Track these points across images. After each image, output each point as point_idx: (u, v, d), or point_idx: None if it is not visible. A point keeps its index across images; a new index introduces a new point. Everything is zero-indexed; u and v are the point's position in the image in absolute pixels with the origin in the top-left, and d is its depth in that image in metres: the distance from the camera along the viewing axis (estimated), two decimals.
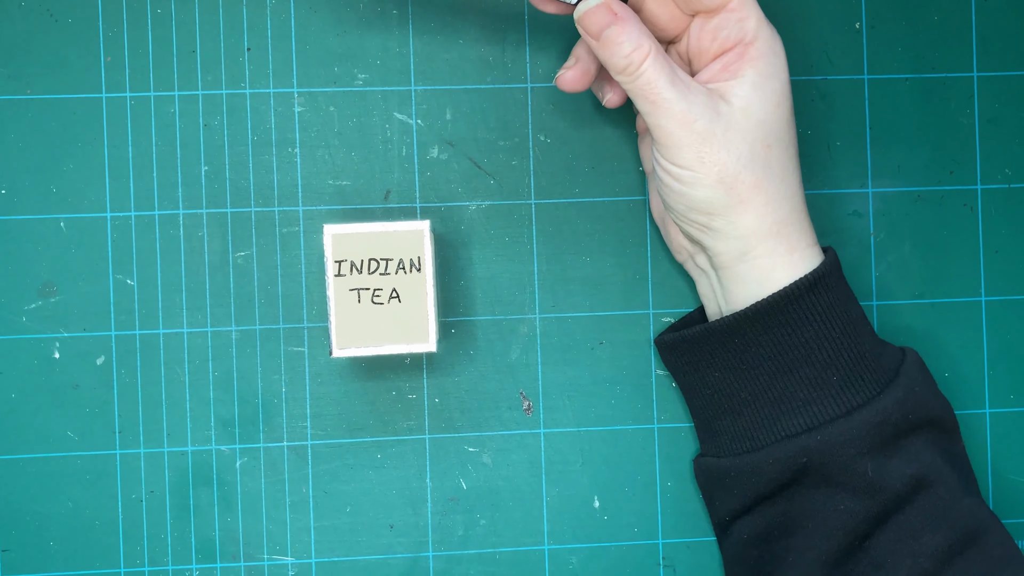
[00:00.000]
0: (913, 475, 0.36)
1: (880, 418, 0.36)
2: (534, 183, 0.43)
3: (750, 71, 0.36)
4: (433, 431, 0.43)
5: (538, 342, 0.43)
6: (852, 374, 0.37)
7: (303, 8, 0.42)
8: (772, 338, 0.37)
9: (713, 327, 0.38)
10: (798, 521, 0.38)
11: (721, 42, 0.37)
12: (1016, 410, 0.44)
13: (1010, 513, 0.44)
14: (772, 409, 0.38)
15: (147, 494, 0.42)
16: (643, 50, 0.35)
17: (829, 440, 0.36)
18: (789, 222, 0.37)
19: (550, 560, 0.43)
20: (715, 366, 0.39)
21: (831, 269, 0.37)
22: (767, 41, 0.36)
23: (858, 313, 0.38)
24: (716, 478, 0.40)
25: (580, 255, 0.43)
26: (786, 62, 0.37)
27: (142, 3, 0.42)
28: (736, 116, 0.36)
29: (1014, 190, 0.44)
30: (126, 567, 0.42)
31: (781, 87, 0.37)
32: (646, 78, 0.35)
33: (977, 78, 0.44)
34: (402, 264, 0.37)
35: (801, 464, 0.37)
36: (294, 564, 0.42)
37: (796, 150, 0.38)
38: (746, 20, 0.36)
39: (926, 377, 0.39)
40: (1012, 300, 0.44)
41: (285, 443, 0.42)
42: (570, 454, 0.43)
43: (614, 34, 0.35)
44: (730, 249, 0.37)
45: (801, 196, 0.38)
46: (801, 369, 0.37)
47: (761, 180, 0.36)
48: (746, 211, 0.36)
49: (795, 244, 0.37)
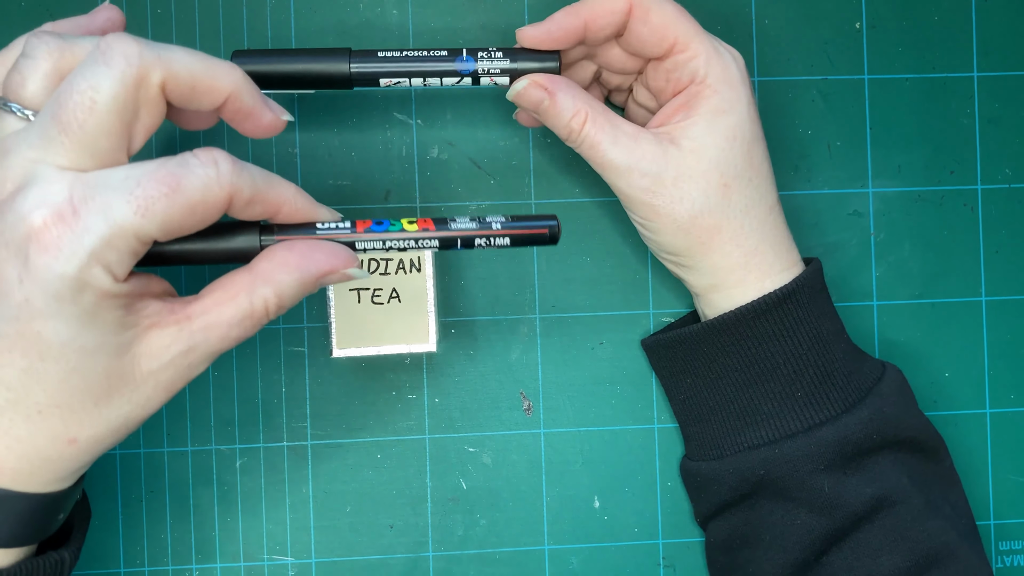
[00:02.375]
0: (874, 494, 0.36)
1: (840, 436, 0.36)
2: (534, 183, 0.43)
3: (703, 109, 0.36)
4: (433, 431, 0.43)
5: (538, 342, 0.43)
6: (818, 391, 0.37)
7: (303, 8, 0.42)
8: (740, 350, 0.37)
9: (684, 334, 0.39)
10: (758, 532, 0.38)
11: (674, 83, 0.37)
12: (1016, 410, 0.44)
13: (1010, 513, 0.44)
14: (737, 420, 0.38)
15: (147, 494, 0.42)
16: (580, 116, 0.36)
17: (787, 455, 0.37)
18: (758, 252, 0.37)
19: (550, 560, 0.43)
20: (688, 372, 0.40)
21: (804, 286, 0.37)
22: (719, 77, 0.36)
23: (832, 329, 0.38)
24: (689, 480, 0.42)
25: (580, 255, 0.43)
26: (745, 91, 0.36)
27: (142, 3, 0.42)
28: (687, 160, 0.36)
29: (1014, 190, 0.44)
30: (126, 567, 0.42)
31: (736, 121, 0.36)
32: (588, 142, 0.36)
33: (977, 78, 0.44)
34: (402, 264, 0.37)
35: (759, 476, 0.37)
36: (294, 564, 0.42)
37: (763, 177, 0.37)
38: (694, 59, 0.36)
39: (903, 397, 0.38)
40: (1012, 300, 0.44)
41: (285, 443, 0.42)
42: (570, 454, 0.43)
43: (548, 107, 0.36)
44: (702, 282, 0.38)
45: (772, 222, 0.37)
46: (767, 383, 0.37)
47: (721, 220, 0.36)
48: (710, 251, 0.37)
49: (767, 271, 0.37)
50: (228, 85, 0.28)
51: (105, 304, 0.26)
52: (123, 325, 0.27)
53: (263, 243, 0.29)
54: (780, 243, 0.38)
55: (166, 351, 0.28)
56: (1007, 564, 0.44)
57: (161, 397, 0.29)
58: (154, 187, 0.26)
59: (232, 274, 0.29)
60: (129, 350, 0.27)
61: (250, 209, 0.28)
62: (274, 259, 0.29)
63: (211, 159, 0.27)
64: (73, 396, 0.27)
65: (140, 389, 0.28)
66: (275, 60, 0.35)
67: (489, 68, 0.36)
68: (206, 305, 0.28)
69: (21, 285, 0.25)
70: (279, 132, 0.31)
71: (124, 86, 0.26)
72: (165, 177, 0.26)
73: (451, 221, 0.31)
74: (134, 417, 0.29)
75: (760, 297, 0.37)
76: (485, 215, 0.31)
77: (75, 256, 0.25)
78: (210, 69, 0.28)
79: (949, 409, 0.44)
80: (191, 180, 0.26)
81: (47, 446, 0.28)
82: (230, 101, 0.29)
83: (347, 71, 0.35)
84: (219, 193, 0.27)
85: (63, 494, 0.30)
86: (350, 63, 0.35)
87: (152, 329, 0.28)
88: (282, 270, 0.28)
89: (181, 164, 0.26)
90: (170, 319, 0.28)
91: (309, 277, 0.29)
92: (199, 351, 0.28)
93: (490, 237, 0.31)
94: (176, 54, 0.27)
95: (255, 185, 0.28)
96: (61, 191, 0.25)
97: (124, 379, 0.28)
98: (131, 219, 0.25)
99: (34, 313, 0.25)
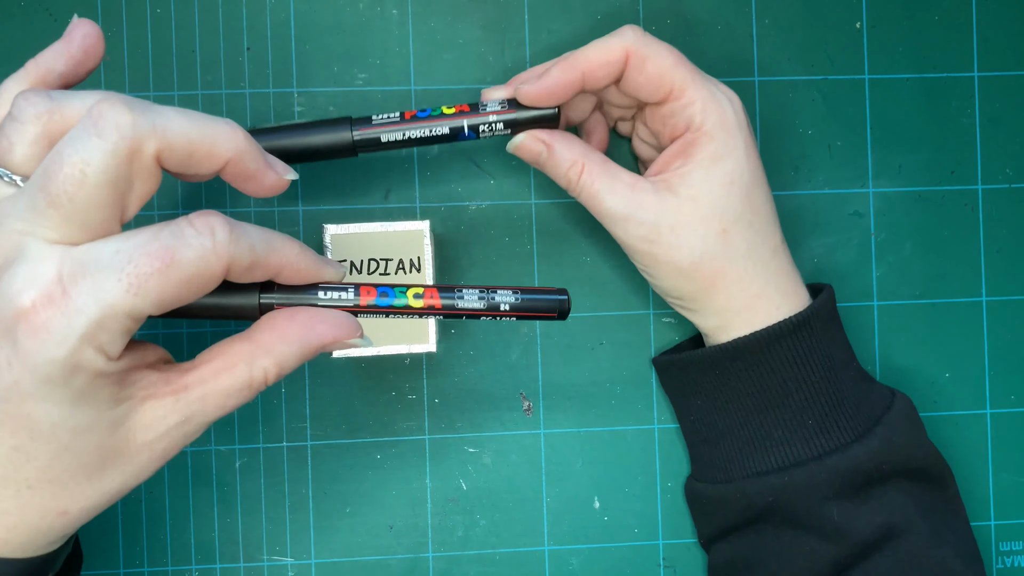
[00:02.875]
0: (883, 523, 0.36)
1: (850, 465, 0.36)
2: (534, 183, 0.43)
3: (699, 156, 0.36)
4: (433, 431, 0.43)
5: (538, 342, 0.43)
6: (828, 419, 0.37)
7: (303, 8, 0.42)
8: (751, 376, 0.37)
9: (696, 356, 0.39)
10: (763, 558, 0.38)
11: (671, 128, 0.37)
12: (1016, 410, 0.44)
13: (1010, 513, 0.44)
14: (746, 445, 0.38)
15: (147, 494, 0.42)
16: (577, 168, 0.36)
17: (797, 482, 0.37)
18: (763, 295, 0.37)
19: (550, 561, 0.43)
20: (698, 394, 0.40)
21: (817, 313, 0.37)
22: (716, 123, 0.36)
23: (843, 357, 0.38)
24: (695, 501, 0.42)
25: (580, 255, 0.43)
26: (742, 135, 0.36)
27: (142, 3, 0.42)
28: (685, 208, 0.36)
29: (1015, 190, 0.44)
30: (125, 567, 0.42)
31: (733, 166, 0.36)
32: (586, 192, 0.37)
33: (978, 78, 0.44)
34: (402, 264, 0.37)
35: (768, 502, 0.37)
36: (294, 565, 0.42)
37: (764, 219, 0.37)
38: (690, 106, 0.36)
39: (912, 426, 0.38)
40: (1012, 300, 0.44)
41: (284, 443, 0.42)
42: (570, 454, 0.43)
43: (547, 159, 0.36)
44: (709, 324, 0.38)
45: (776, 264, 0.37)
46: (777, 409, 0.37)
47: (722, 266, 0.36)
48: (714, 295, 0.37)
49: (773, 313, 0.37)
50: (228, 151, 0.27)
51: (98, 383, 0.25)
52: (117, 400, 0.26)
53: (263, 304, 0.29)
54: (786, 285, 0.37)
55: (162, 422, 0.27)
56: (1007, 564, 0.44)
57: (155, 465, 0.28)
58: (147, 263, 0.24)
59: (231, 341, 0.28)
60: (123, 424, 0.27)
61: (249, 275, 0.27)
62: (275, 329, 0.28)
63: (207, 227, 0.25)
64: (65, 472, 0.26)
65: (134, 460, 0.27)
66: (278, 137, 0.35)
67: (491, 127, 0.36)
68: (203, 375, 0.27)
69: (10, 368, 0.24)
70: (283, 191, 0.29)
71: (116, 159, 0.24)
72: (158, 252, 0.24)
73: (457, 294, 0.30)
74: (128, 486, 0.28)
75: (774, 323, 0.37)
76: (494, 289, 0.30)
77: (66, 340, 0.24)
78: (208, 134, 0.26)
79: (949, 409, 0.44)
80: (186, 253, 0.25)
81: (37, 519, 0.27)
82: (231, 165, 0.27)
83: (350, 142, 0.36)
84: (216, 264, 0.25)
85: (53, 554, 0.29)
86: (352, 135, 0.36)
87: (147, 401, 0.27)
88: (283, 342, 0.28)
89: (175, 235, 0.25)
90: (166, 390, 0.27)
91: (310, 348, 0.28)
92: (195, 421, 0.28)
93: (497, 316, 0.30)
94: (172, 121, 0.25)
95: (254, 252, 0.26)
96: (50, 270, 0.24)
97: (118, 453, 0.27)
98: (123, 298, 0.24)
99: (24, 395, 0.24)
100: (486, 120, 0.36)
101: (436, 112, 0.36)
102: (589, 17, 0.43)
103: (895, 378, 0.44)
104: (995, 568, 0.44)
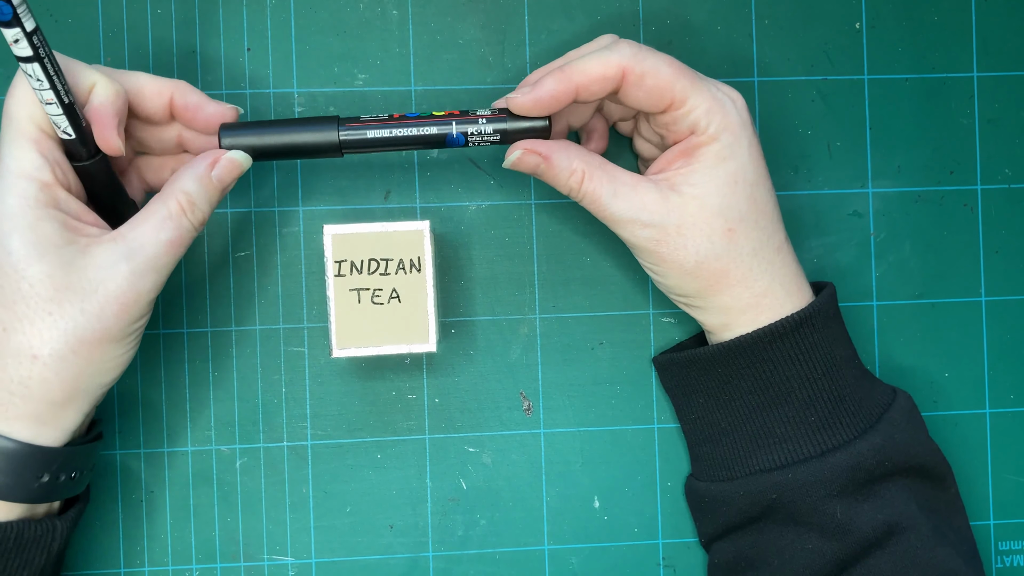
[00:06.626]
0: (885, 521, 0.36)
1: (853, 462, 0.36)
2: (534, 183, 0.43)
3: (703, 156, 0.36)
4: (433, 431, 0.43)
5: (538, 342, 0.43)
6: (831, 416, 0.37)
7: (303, 8, 0.42)
8: (754, 373, 0.37)
9: (699, 354, 0.39)
10: (766, 556, 0.38)
11: (674, 133, 0.37)
12: (1016, 410, 0.44)
13: (1010, 513, 0.44)
14: (749, 443, 0.38)
15: (147, 494, 0.42)
16: (577, 175, 0.36)
17: (800, 479, 0.37)
18: (768, 293, 0.37)
19: (550, 560, 0.43)
20: (700, 392, 0.40)
21: (820, 310, 0.37)
22: (719, 125, 0.36)
23: (845, 355, 0.38)
24: (696, 500, 0.41)
25: (580, 255, 0.43)
26: (746, 135, 0.36)
27: (142, 3, 0.42)
28: (689, 208, 0.36)
29: (1014, 190, 0.44)
30: (126, 567, 0.42)
31: (737, 166, 0.36)
32: (589, 197, 0.36)
33: (977, 78, 0.44)
34: (402, 264, 0.37)
35: (771, 500, 0.37)
36: (294, 564, 0.42)
37: (769, 217, 0.37)
38: (693, 112, 0.36)
39: (913, 423, 0.38)
40: (1012, 300, 0.44)
41: (285, 443, 0.42)
42: (570, 454, 0.43)
43: (546, 170, 0.36)
44: (714, 321, 0.38)
45: (781, 262, 0.37)
46: (780, 407, 0.37)
47: (728, 264, 0.36)
48: (719, 293, 0.37)
49: (778, 311, 0.37)
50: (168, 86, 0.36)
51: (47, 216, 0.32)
52: (66, 241, 0.32)
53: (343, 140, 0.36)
54: (791, 282, 0.37)
55: (107, 259, 0.33)
56: (1007, 564, 0.44)
57: (114, 309, 0.33)
58: None
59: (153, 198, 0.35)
60: (73, 263, 0.32)
61: None
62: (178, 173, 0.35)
63: None
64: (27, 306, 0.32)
65: (90, 299, 0.32)
66: (263, 133, 0.36)
67: (481, 134, 0.36)
68: (134, 221, 0.34)
69: None
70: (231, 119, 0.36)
71: None
72: None
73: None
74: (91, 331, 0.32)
75: (777, 321, 0.37)
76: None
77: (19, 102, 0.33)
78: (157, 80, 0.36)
79: (949, 409, 0.44)
80: None
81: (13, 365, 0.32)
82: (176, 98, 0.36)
83: (336, 141, 0.36)
84: None
85: (44, 452, 0.33)
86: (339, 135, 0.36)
87: (91, 246, 0.33)
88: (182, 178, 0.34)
89: None
90: (106, 237, 0.33)
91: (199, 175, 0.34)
92: (137, 258, 0.33)
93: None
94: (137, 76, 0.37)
95: None
96: None
97: (71, 288, 0.32)
98: None
99: None
100: (475, 125, 0.36)
101: (425, 114, 0.36)
102: (589, 17, 0.43)
103: (895, 378, 0.44)
104: (994, 568, 0.44)
